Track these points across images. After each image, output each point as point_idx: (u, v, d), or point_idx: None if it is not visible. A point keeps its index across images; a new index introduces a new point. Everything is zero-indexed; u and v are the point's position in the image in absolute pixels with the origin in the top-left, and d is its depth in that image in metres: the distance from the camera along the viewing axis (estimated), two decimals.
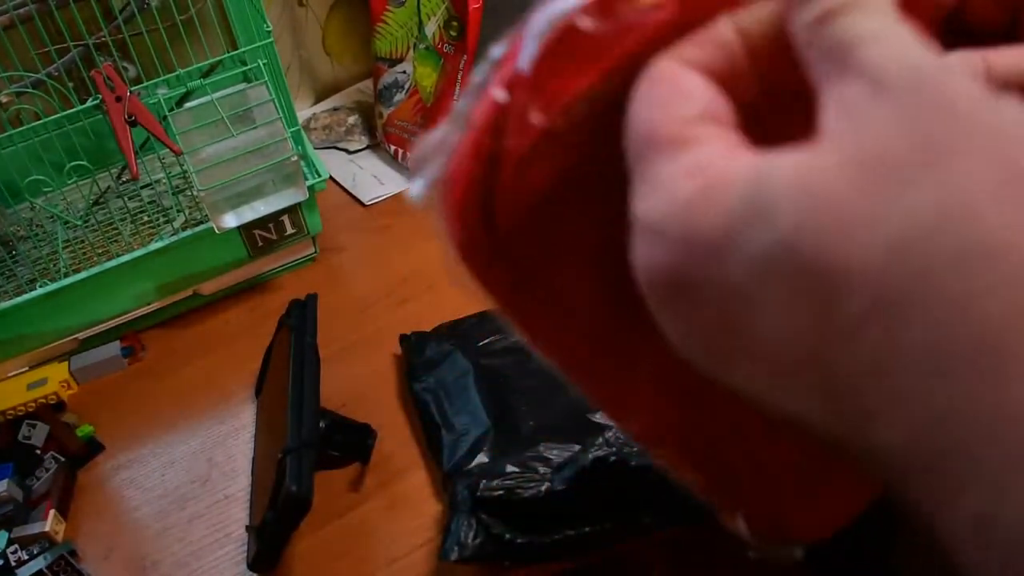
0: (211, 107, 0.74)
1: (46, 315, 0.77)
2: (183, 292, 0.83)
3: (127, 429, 0.75)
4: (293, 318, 0.70)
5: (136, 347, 0.82)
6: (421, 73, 0.95)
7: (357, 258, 0.90)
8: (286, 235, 0.84)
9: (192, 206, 0.86)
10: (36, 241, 0.85)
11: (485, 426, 0.64)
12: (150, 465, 0.72)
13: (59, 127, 0.74)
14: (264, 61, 0.77)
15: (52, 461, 0.70)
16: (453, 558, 0.56)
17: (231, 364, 0.80)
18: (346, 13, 1.10)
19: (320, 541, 0.64)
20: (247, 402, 0.76)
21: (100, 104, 0.71)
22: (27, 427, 0.73)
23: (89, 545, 0.67)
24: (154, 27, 0.77)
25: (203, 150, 0.73)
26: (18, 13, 0.74)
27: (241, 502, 0.68)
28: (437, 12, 0.91)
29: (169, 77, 0.75)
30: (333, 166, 1.02)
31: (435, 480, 0.66)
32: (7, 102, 0.75)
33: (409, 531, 0.63)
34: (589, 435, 0.60)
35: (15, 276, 0.81)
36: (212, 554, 0.65)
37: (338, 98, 1.13)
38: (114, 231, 0.84)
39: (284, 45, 1.07)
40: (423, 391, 0.69)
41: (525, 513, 0.57)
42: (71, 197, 0.88)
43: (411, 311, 0.82)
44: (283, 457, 0.57)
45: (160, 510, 0.68)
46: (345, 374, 0.76)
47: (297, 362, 0.65)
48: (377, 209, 0.96)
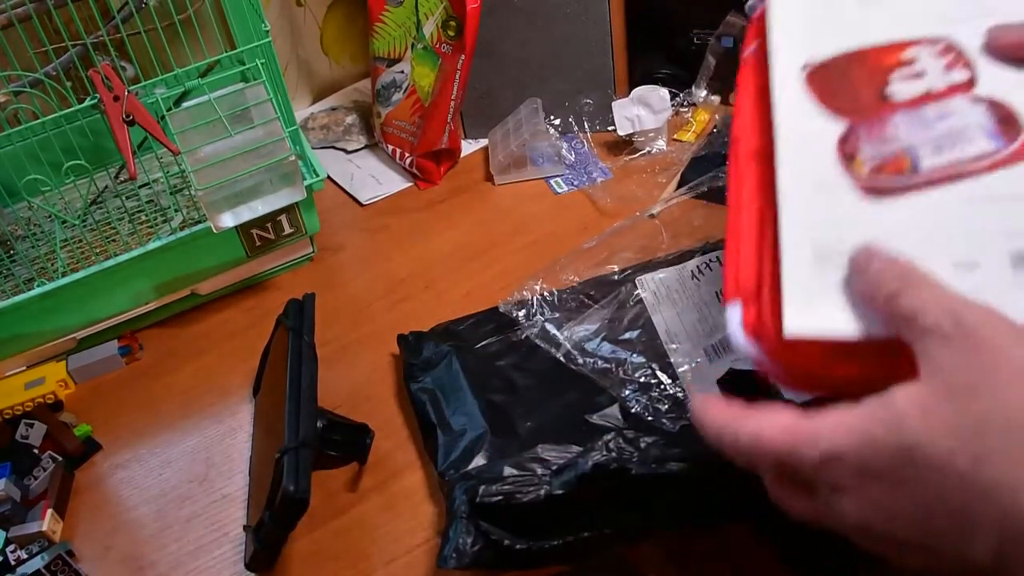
0: (209, 106, 0.74)
1: (44, 314, 0.77)
2: (181, 292, 0.83)
3: (124, 428, 0.75)
4: (291, 318, 0.70)
5: (134, 347, 0.82)
6: (419, 73, 0.95)
7: (355, 258, 0.90)
8: (284, 235, 0.84)
9: (190, 205, 0.86)
10: (34, 240, 0.85)
11: (482, 427, 0.64)
12: (148, 464, 0.72)
13: (57, 126, 0.74)
14: (262, 61, 0.77)
15: (49, 460, 0.70)
16: (452, 565, 0.56)
17: (228, 364, 0.80)
18: (344, 13, 1.10)
19: (317, 541, 0.64)
20: (244, 402, 0.76)
21: (98, 103, 0.71)
22: (25, 426, 0.73)
23: (86, 544, 0.67)
24: (152, 26, 0.77)
25: (201, 149, 0.73)
26: (16, 12, 0.74)
27: (238, 501, 0.68)
28: (435, 12, 0.91)
29: (167, 77, 0.75)
30: (331, 166, 1.02)
31: (432, 480, 0.66)
32: (5, 101, 0.75)
33: (406, 531, 0.63)
34: (587, 437, 0.60)
35: (12, 275, 0.81)
36: (209, 553, 0.65)
37: (336, 98, 1.13)
38: (112, 230, 0.84)
39: (282, 45, 1.07)
40: (420, 391, 0.69)
41: (524, 518, 0.57)
42: (69, 196, 0.88)
43: (409, 311, 0.82)
44: (280, 457, 0.57)
45: (157, 509, 0.68)
46: (343, 374, 0.76)
47: (295, 362, 0.65)
48: (375, 209, 0.96)
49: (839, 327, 0.40)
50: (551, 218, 0.90)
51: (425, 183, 0.98)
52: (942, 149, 0.44)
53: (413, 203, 0.96)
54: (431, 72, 0.94)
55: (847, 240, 0.42)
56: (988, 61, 0.46)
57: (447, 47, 0.91)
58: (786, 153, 0.47)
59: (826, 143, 0.47)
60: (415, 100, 0.97)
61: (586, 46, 0.97)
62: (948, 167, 0.44)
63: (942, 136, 0.45)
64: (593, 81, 0.98)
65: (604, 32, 0.96)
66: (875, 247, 0.40)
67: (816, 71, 0.50)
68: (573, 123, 0.99)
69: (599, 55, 0.97)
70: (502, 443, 0.63)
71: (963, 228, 0.42)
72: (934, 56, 0.48)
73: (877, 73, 0.48)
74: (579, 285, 0.77)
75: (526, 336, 0.72)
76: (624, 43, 0.97)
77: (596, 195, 0.92)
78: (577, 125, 0.99)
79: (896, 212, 0.43)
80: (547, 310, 0.74)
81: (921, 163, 0.44)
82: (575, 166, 0.96)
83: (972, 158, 0.44)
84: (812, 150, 0.47)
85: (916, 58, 0.48)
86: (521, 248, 0.87)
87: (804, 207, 0.45)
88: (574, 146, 0.98)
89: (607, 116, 0.96)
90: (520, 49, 0.97)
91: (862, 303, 0.40)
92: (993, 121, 0.45)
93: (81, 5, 0.77)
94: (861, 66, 0.49)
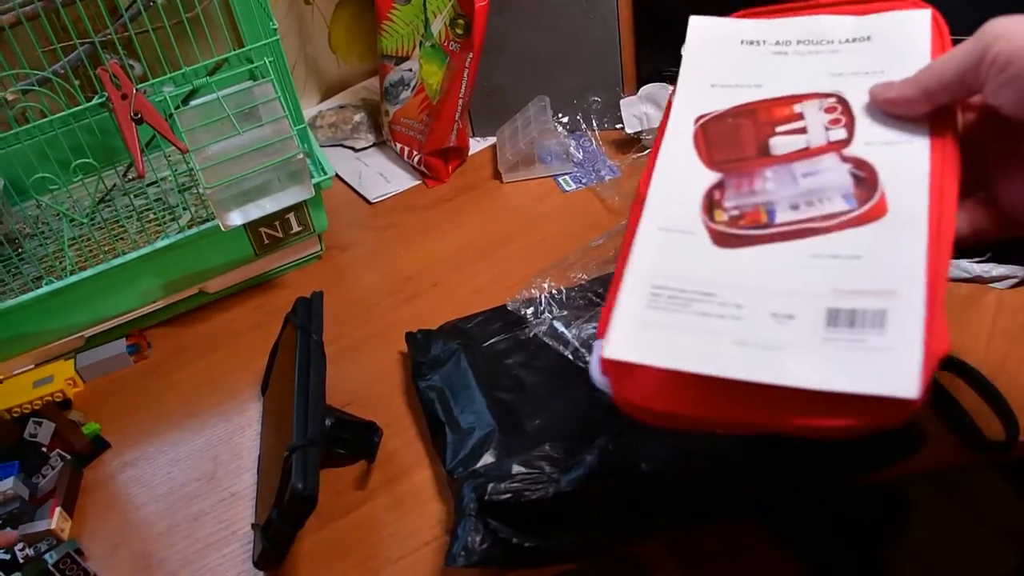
0: (217, 105, 0.74)
1: (52, 313, 0.77)
2: (189, 290, 0.83)
3: (133, 427, 0.75)
4: (299, 316, 0.70)
5: (142, 345, 0.82)
6: (427, 71, 0.95)
7: (363, 256, 0.90)
8: (292, 233, 0.84)
9: (198, 204, 0.86)
10: (42, 239, 0.85)
11: (490, 425, 0.64)
12: (156, 463, 0.72)
13: (65, 125, 0.74)
14: (270, 59, 0.77)
15: (58, 459, 0.70)
16: (460, 564, 0.56)
17: (237, 362, 0.80)
18: (352, 11, 1.10)
19: (325, 539, 0.64)
20: (253, 400, 0.76)
21: (106, 102, 0.71)
22: (33, 425, 0.73)
23: (95, 543, 0.67)
24: (160, 25, 0.77)
25: (209, 148, 0.73)
26: (24, 11, 0.74)
27: (247, 500, 0.68)
28: (443, 10, 0.91)
29: (175, 75, 0.75)
30: (339, 164, 1.02)
31: (441, 478, 0.66)
32: (13, 100, 0.75)
33: (414, 529, 0.63)
34: (595, 435, 0.60)
35: (21, 274, 0.81)
36: (218, 552, 0.65)
37: (344, 96, 1.13)
38: (120, 229, 0.84)
39: (290, 43, 1.07)
40: (428, 389, 0.69)
41: (532, 516, 0.57)
42: (77, 195, 0.89)
43: (417, 309, 0.82)
44: (289, 455, 0.57)
45: (166, 508, 0.68)
46: (351, 372, 0.76)
47: (303, 360, 0.65)
48: (383, 207, 0.96)
49: (660, 358, 0.42)
50: (559, 216, 0.90)
51: (433, 181, 0.98)
52: (799, 206, 0.46)
53: (421, 201, 0.96)
54: (439, 70, 0.94)
55: (686, 279, 0.45)
56: (868, 118, 0.48)
57: (455, 45, 0.91)
58: (653, 198, 0.49)
59: (695, 192, 0.49)
60: (423, 98, 0.96)
61: (594, 44, 0.97)
62: (799, 223, 0.45)
63: (804, 193, 0.47)
64: (601, 79, 0.98)
65: (612, 30, 0.96)
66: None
67: (709, 123, 0.52)
68: (581, 121, 0.99)
69: (607, 53, 0.97)
70: (510, 441, 0.63)
71: (795, 281, 0.43)
72: (820, 112, 0.50)
73: (765, 126, 0.50)
74: (587, 283, 0.77)
75: (534, 334, 0.72)
76: (632, 41, 0.97)
77: (604, 193, 0.91)
78: (585, 123, 0.99)
79: (738, 260, 0.45)
80: (555, 308, 0.74)
81: (776, 217, 0.46)
82: (583, 164, 0.96)
83: (823, 216, 0.45)
84: (679, 197, 0.49)
85: (803, 113, 0.50)
86: (529, 246, 0.87)
87: (654, 248, 0.47)
88: (582, 144, 0.98)
89: (615, 114, 0.96)
90: (528, 47, 0.97)
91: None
92: (852, 182, 0.46)
93: (89, 3, 0.77)
94: (752, 119, 0.51)
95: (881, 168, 0.46)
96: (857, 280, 0.42)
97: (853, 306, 0.41)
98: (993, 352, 0.67)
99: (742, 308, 0.42)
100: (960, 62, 0.44)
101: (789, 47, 0.54)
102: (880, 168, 0.46)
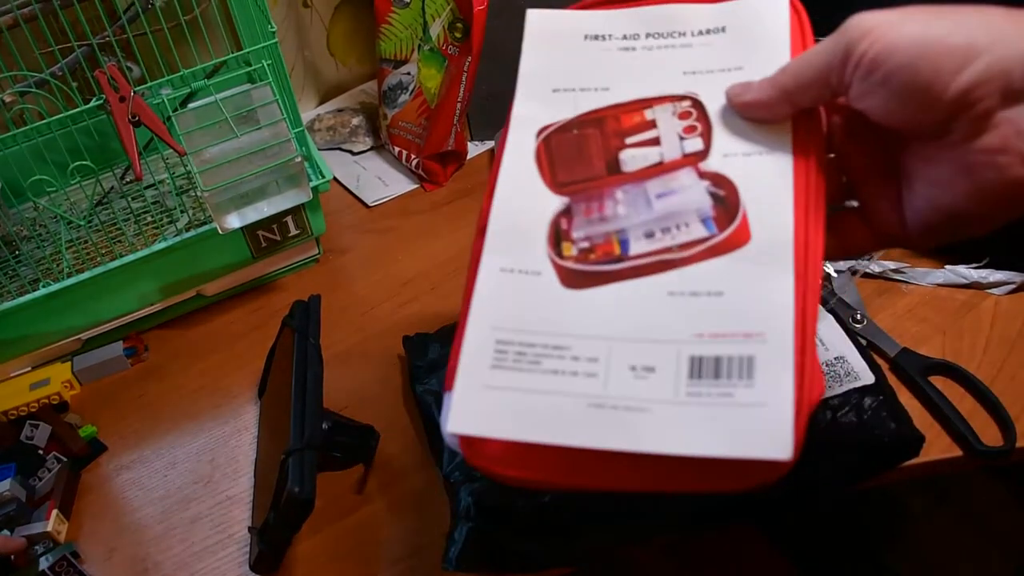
0: (215, 108, 0.74)
1: (49, 315, 0.77)
2: (186, 293, 0.83)
3: (130, 429, 0.75)
4: (296, 319, 0.70)
5: (139, 347, 0.82)
6: (425, 75, 0.95)
7: (360, 259, 0.90)
8: (289, 236, 0.84)
9: (196, 207, 0.86)
10: (39, 241, 0.85)
11: None
12: (153, 466, 0.72)
13: (63, 127, 0.74)
14: (268, 62, 0.77)
15: (55, 461, 0.70)
16: (456, 567, 0.55)
17: (234, 365, 0.80)
18: (351, 14, 1.10)
19: (322, 543, 0.64)
20: (250, 403, 0.76)
21: (104, 104, 0.71)
22: (30, 427, 0.73)
23: (91, 546, 0.67)
24: (158, 27, 0.77)
25: (207, 151, 0.73)
26: (22, 13, 0.74)
27: (243, 503, 0.68)
28: (442, 13, 0.91)
29: (173, 77, 0.75)
30: (337, 167, 1.02)
31: (438, 482, 0.66)
32: (11, 101, 0.75)
33: (411, 533, 0.63)
34: None
35: (18, 276, 0.81)
36: (214, 555, 0.65)
37: (342, 99, 1.13)
38: (117, 231, 0.84)
39: (288, 46, 1.07)
40: (425, 393, 0.69)
41: (528, 521, 0.57)
42: (74, 197, 0.89)
43: (414, 313, 0.82)
44: (285, 458, 0.57)
45: (162, 511, 0.68)
46: (348, 375, 0.76)
47: (300, 363, 0.65)
48: (381, 211, 0.96)
49: (507, 429, 0.37)
50: None
51: (431, 185, 0.98)
52: (654, 234, 0.40)
53: (419, 205, 0.96)
54: (438, 74, 0.94)
55: (534, 332, 0.39)
56: (726, 125, 0.42)
57: (454, 49, 0.91)
58: (493, 230, 0.43)
59: (538, 221, 0.43)
60: (421, 102, 0.96)
61: None
62: (655, 254, 0.40)
63: (659, 218, 0.41)
64: None
65: None
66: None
67: (552, 137, 0.45)
68: None
69: None
70: None
71: (653, 325, 0.38)
72: (673, 117, 0.43)
73: (613, 138, 0.44)
74: None
75: None
76: None
77: None
78: None
79: (591, 302, 0.39)
80: None
81: (629, 248, 0.40)
82: None
83: (680, 245, 0.40)
84: (521, 228, 0.43)
85: (655, 120, 0.43)
86: None
87: (497, 293, 0.41)
88: None
89: None
90: None
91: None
92: (711, 203, 0.40)
93: (87, 5, 0.77)
94: (600, 129, 0.44)
95: (742, 185, 0.40)
96: (720, 322, 0.37)
97: (717, 353, 0.36)
98: (990, 358, 0.67)
99: (597, 363, 0.37)
100: (822, 61, 0.39)
101: (637, 41, 0.46)
102: (740, 185, 0.40)
